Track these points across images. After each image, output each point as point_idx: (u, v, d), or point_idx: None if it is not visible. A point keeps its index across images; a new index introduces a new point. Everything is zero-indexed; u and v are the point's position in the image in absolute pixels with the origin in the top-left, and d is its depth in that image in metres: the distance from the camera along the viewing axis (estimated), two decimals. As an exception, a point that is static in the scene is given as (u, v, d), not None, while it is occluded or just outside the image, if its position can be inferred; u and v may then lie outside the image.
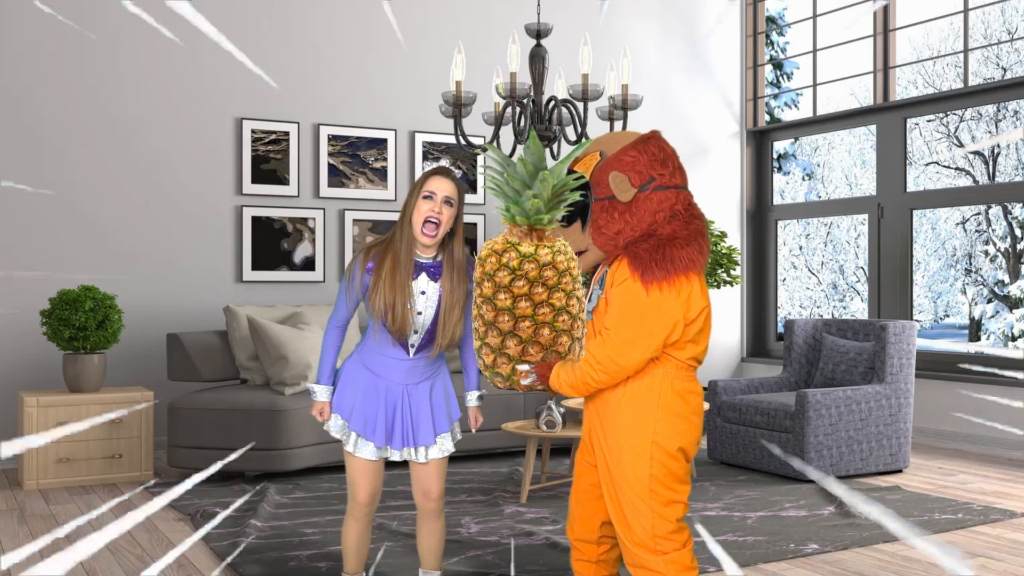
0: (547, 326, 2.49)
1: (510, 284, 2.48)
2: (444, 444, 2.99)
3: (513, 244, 2.51)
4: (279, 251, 6.45)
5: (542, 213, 2.50)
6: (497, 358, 2.53)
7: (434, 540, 3.06)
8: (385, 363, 2.92)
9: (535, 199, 2.48)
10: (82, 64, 5.94)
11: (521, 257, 2.48)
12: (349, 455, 2.96)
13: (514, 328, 2.49)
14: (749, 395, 5.82)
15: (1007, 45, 16.82)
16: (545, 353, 2.52)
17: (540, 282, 2.48)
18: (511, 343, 2.50)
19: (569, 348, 2.55)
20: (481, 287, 2.52)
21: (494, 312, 2.50)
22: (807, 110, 16.70)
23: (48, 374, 5.83)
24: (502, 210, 2.54)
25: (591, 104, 7.70)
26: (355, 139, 6.70)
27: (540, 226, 2.53)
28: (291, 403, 5.15)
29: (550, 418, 4.64)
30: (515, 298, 2.48)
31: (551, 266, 2.49)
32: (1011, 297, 17.12)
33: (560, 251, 2.52)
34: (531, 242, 2.52)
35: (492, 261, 2.51)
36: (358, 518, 3.01)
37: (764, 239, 8.24)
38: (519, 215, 2.51)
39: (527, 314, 2.48)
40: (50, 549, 3.90)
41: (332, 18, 6.68)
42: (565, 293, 2.50)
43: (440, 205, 2.85)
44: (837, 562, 3.69)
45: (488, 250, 2.54)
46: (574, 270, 2.54)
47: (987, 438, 6.23)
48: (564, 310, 2.50)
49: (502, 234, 2.57)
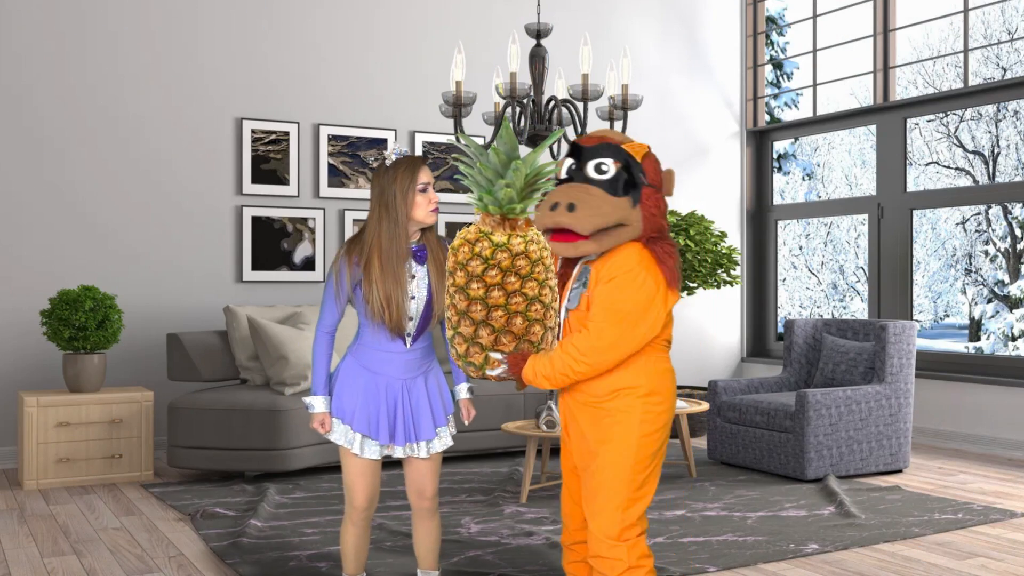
0: (520, 315, 2.49)
1: (483, 273, 2.48)
2: (445, 437, 2.99)
3: (486, 233, 2.51)
4: (279, 251, 6.45)
5: (515, 202, 2.50)
6: (470, 347, 2.53)
7: (431, 540, 3.06)
8: (383, 359, 2.91)
9: (508, 188, 2.48)
10: (82, 64, 5.94)
11: (494, 246, 2.48)
12: (348, 459, 2.92)
13: (487, 317, 2.49)
14: (749, 395, 5.82)
15: (1007, 45, 16.82)
16: (518, 343, 2.52)
17: (513, 271, 2.48)
18: (484, 332, 2.50)
19: (542, 337, 2.55)
20: (454, 276, 2.52)
21: (467, 301, 2.50)
22: (807, 110, 16.70)
23: (48, 374, 5.83)
24: (475, 199, 2.54)
25: (591, 104, 7.70)
26: (355, 139, 6.70)
27: (513, 215, 2.53)
28: (291, 403, 5.15)
29: (550, 418, 4.64)
30: (488, 287, 2.48)
31: (524, 255, 2.49)
32: (1011, 297, 17.12)
33: (533, 240, 2.52)
34: (504, 231, 2.52)
35: (465, 250, 2.51)
36: (356, 523, 2.98)
37: (764, 239, 8.24)
38: (491, 204, 2.51)
39: (500, 303, 2.48)
40: (50, 549, 3.90)
41: (332, 18, 6.68)
42: (538, 282, 2.50)
43: (432, 193, 2.90)
44: (837, 562, 3.69)
45: (461, 239, 2.54)
46: (547, 259, 2.54)
47: (987, 438, 6.23)
48: (537, 299, 2.50)
49: (475, 223, 2.56)
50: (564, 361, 2.50)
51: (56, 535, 4.12)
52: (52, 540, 4.03)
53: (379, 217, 2.86)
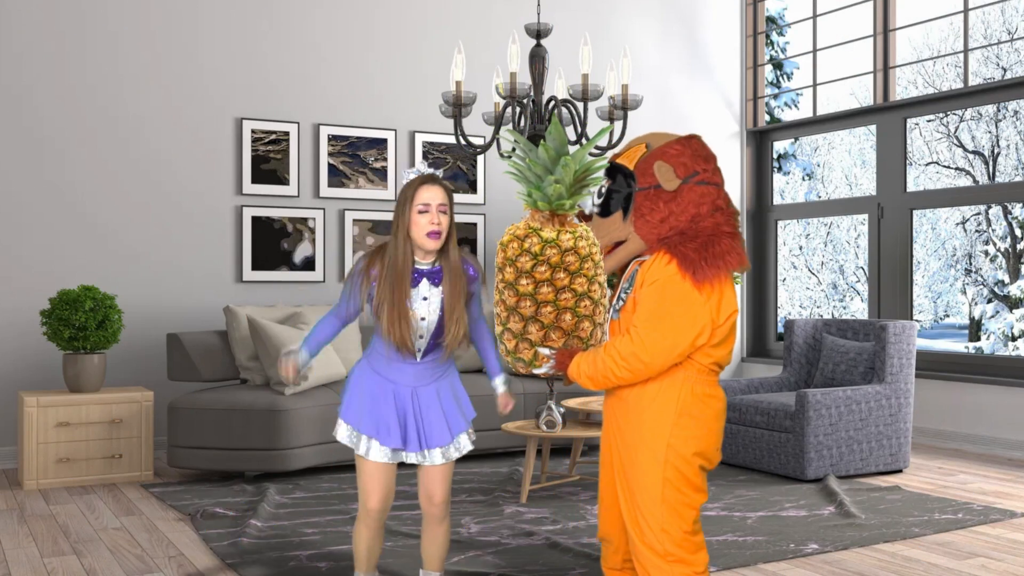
0: (569, 311, 2.48)
1: (532, 270, 2.47)
2: (462, 443, 2.96)
3: (535, 229, 2.50)
4: (279, 251, 6.45)
5: (564, 198, 2.49)
6: (519, 343, 2.51)
7: (438, 545, 3.04)
8: (393, 367, 2.89)
9: (557, 184, 2.47)
10: (82, 64, 5.94)
11: (543, 242, 2.47)
12: (361, 461, 2.90)
13: (536, 314, 2.48)
14: (749, 395, 5.82)
15: (1007, 45, 16.82)
16: (567, 339, 2.50)
17: (562, 267, 2.47)
18: (533, 328, 2.49)
19: (591, 334, 2.53)
20: (503, 272, 2.51)
21: (516, 297, 2.49)
22: (807, 110, 16.70)
23: (48, 374, 5.83)
24: (523, 195, 2.53)
25: (591, 104, 7.69)
26: (355, 139, 6.70)
27: (562, 211, 2.51)
28: (291, 403, 5.15)
29: (550, 418, 4.64)
30: (537, 283, 2.47)
31: (573, 251, 2.48)
32: (1011, 297, 17.11)
33: (582, 236, 2.51)
34: (553, 227, 2.51)
35: (514, 247, 2.50)
36: (369, 525, 2.96)
37: (764, 239, 8.24)
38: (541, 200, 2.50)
39: (549, 299, 2.47)
40: (50, 549, 3.90)
41: (332, 18, 6.68)
42: (587, 279, 2.49)
43: (437, 215, 2.78)
44: (837, 562, 3.69)
45: (510, 235, 2.53)
46: (596, 255, 2.53)
47: (987, 438, 6.23)
48: (586, 295, 2.49)
49: (524, 219, 2.56)
50: (606, 364, 2.45)
51: (56, 535, 4.12)
52: (52, 540, 4.03)
53: (392, 233, 2.84)
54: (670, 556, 2.48)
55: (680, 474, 2.48)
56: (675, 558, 2.48)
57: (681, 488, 2.48)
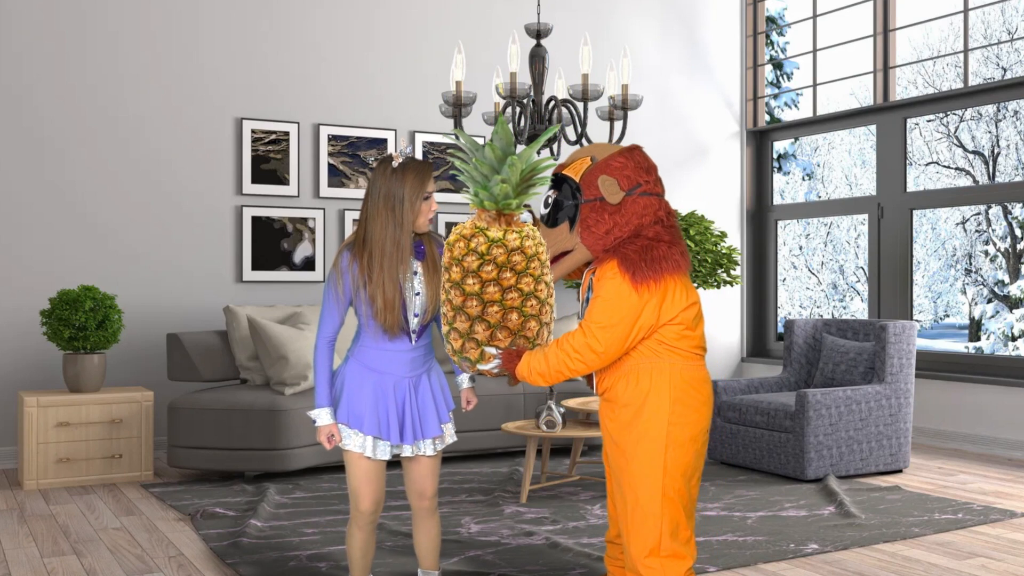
0: (515, 311, 2.49)
1: (478, 269, 2.47)
2: (449, 433, 2.97)
3: (481, 229, 2.50)
4: (279, 251, 6.45)
5: (510, 198, 2.50)
6: (465, 343, 2.53)
7: (431, 539, 3.04)
8: (388, 358, 2.86)
9: (503, 184, 2.48)
10: (82, 64, 5.94)
11: (489, 242, 2.48)
12: (353, 463, 2.86)
13: (482, 313, 2.49)
14: (749, 395, 5.82)
15: (1007, 45, 16.82)
16: (513, 338, 2.52)
17: (508, 267, 2.48)
18: (479, 328, 2.50)
19: (537, 333, 2.55)
20: (450, 272, 2.52)
21: (462, 297, 2.49)
22: (807, 110, 16.70)
23: (48, 374, 5.83)
24: (471, 195, 2.54)
25: (591, 104, 7.69)
26: (355, 139, 6.70)
27: (508, 211, 2.53)
28: (291, 403, 5.15)
29: (550, 418, 4.64)
30: (483, 283, 2.48)
31: (519, 251, 2.49)
32: (1011, 297, 17.11)
33: (528, 236, 2.52)
34: (499, 227, 2.51)
35: (460, 246, 2.51)
36: (362, 527, 2.94)
37: (764, 239, 8.24)
38: (487, 200, 2.52)
39: (495, 299, 2.48)
40: (50, 549, 3.90)
41: (332, 18, 6.68)
42: (533, 278, 2.51)
43: (433, 200, 2.86)
44: (837, 562, 3.69)
45: (456, 235, 2.54)
46: (542, 255, 2.55)
47: (987, 438, 6.23)
48: (532, 295, 2.51)
49: (470, 219, 2.56)
50: (560, 358, 2.54)
51: (56, 535, 4.12)
52: (52, 540, 4.03)
53: (384, 220, 2.77)
54: (660, 551, 2.53)
55: (678, 461, 2.58)
56: (669, 552, 2.54)
57: (676, 475, 2.59)
